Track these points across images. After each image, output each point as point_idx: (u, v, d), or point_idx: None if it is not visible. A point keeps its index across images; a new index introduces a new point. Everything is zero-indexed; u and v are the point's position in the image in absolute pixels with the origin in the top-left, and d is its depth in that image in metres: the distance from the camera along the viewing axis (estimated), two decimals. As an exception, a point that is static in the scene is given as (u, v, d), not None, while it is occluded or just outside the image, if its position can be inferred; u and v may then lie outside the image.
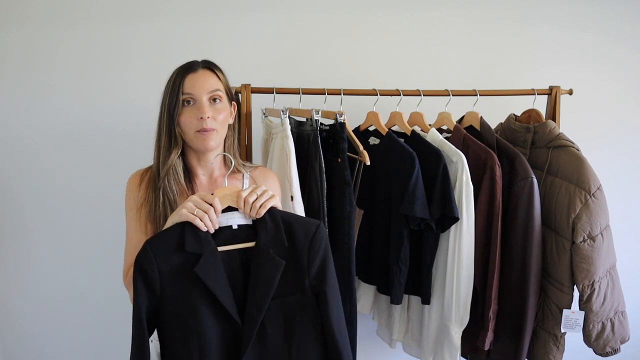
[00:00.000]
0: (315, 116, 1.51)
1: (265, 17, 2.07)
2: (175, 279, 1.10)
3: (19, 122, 2.05)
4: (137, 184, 1.31)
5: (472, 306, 1.62)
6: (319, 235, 1.17)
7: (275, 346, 1.13)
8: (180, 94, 1.24)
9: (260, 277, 1.12)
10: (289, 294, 1.14)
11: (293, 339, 1.14)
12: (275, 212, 1.17)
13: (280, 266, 1.12)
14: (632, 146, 2.25)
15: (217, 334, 1.11)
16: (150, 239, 1.12)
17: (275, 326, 1.13)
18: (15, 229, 2.12)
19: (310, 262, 1.15)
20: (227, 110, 1.30)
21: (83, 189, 2.09)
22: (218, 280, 1.10)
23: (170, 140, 1.26)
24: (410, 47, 2.13)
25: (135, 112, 2.04)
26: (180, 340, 1.10)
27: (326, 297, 1.16)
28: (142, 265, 1.10)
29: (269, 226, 1.15)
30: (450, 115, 1.77)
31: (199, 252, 1.10)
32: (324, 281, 1.16)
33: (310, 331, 1.16)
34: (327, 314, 1.16)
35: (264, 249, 1.13)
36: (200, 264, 1.09)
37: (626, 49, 2.18)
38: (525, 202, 1.57)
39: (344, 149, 1.50)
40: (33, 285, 2.16)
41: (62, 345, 2.21)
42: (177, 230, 1.12)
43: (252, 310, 1.10)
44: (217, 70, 1.31)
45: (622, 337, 1.62)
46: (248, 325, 1.10)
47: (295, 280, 1.15)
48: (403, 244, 1.60)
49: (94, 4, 2.01)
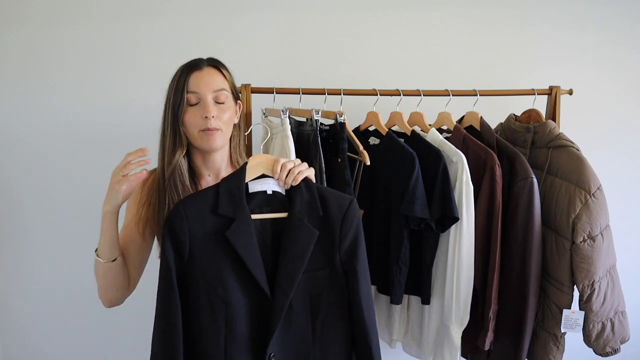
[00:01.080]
0: (315, 116, 1.51)
1: (265, 17, 2.07)
2: (205, 243, 1.06)
3: (19, 121, 2.05)
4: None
5: (472, 306, 1.62)
6: (352, 210, 1.13)
7: (299, 322, 1.10)
8: (184, 93, 1.22)
9: (293, 247, 1.08)
10: (318, 269, 1.11)
11: (318, 316, 1.11)
12: (310, 182, 1.14)
13: (314, 236, 1.08)
14: (632, 146, 2.25)
15: (245, 304, 1.08)
16: (183, 200, 1.09)
17: (300, 301, 1.10)
18: (16, 229, 2.12)
19: (342, 237, 1.11)
20: (232, 110, 1.28)
21: (83, 189, 2.09)
22: (249, 248, 1.06)
23: (175, 139, 1.24)
24: (410, 47, 2.13)
25: (135, 112, 2.04)
26: (207, 309, 1.06)
27: (356, 273, 1.12)
28: (173, 225, 1.06)
29: (304, 195, 1.12)
30: (450, 115, 1.77)
31: (231, 216, 1.06)
32: (355, 257, 1.12)
33: (336, 309, 1.12)
34: (356, 291, 1.12)
35: (298, 217, 1.09)
36: (232, 229, 1.05)
37: (626, 49, 2.18)
38: (525, 202, 1.57)
39: (344, 149, 1.50)
40: (33, 284, 2.16)
41: (61, 345, 2.21)
42: (211, 192, 1.09)
43: (283, 282, 1.06)
44: (222, 69, 1.28)
45: (622, 337, 1.62)
46: (279, 298, 1.06)
47: (326, 254, 1.11)
48: (403, 244, 1.60)
49: (94, 4, 2.01)
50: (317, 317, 1.11)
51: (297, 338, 1.11)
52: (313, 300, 1.11)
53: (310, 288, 1.10)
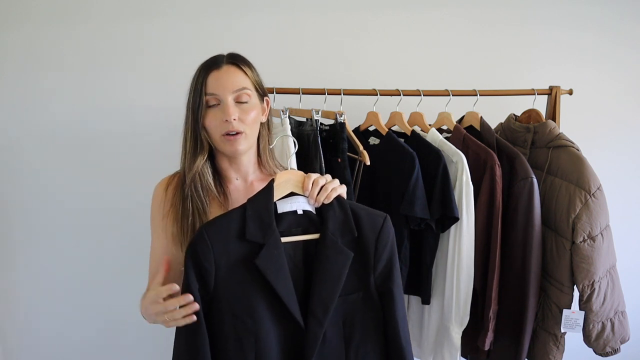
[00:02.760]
0: (315, 116, 1.51)
1: (265, 17, 2.07)
2: (232, 272, 0.99)
3: (19, 121, 2.04)
4: (163, 190, 1.21)
5: (472, 306, 1.62)
6: (386, 228, 1.06)
7: (333, 349, 1.03)
8: (203, 95, 1.13)
9: (328, 272, 1.00)
10: (351, 292, 1.03)
11: (352, 342, 1.04)
12: (342, 200, 1.07)
13: (349, 258, 1.01)
14: (632, 146, 2.25)
15: (276, 336, 1.00)
16: (207, 224, 1.01)
17: (333, 327, 1.03)
18: (16, 229, 2.12)
19: (377, 258, 1.04)
20: (257, 109, 1.18)
21: (83, 188, 2.09)
22: (281, 275, 0.98)
23: (196, 144, 1.16)
24: (410, 47, 2.13)
25: (136, 112, 2.04)
26: (234, 342, 0.99)
27: (393, 296, 1.05)
28: (197, 254, 0.98)
29: (337, 213, 1.04)
30: (450, 115, 1.77)
31: (260, 241, 0.99)
32: (390, 278, 1.06)
33: (371, 334, 1.05)
34: (393, 315, 1.05)
35: (331, 239, 1.01)
36: (262, 256, 0.98)
37: (626, 49, 2.18)
38: (525, 202, 1.57)
39: (344, 149, 1.50)
40: (34, 283, 2.16)
41: (63, 343, 2.21)
42: (237, 215, 1.01)
43: (317, 310, 0.99)
44: (244, 65, 1.18)
45: (622, 337, 1.62)
46: (313, 327, 0.99)
47: (360, 276, 1.04)
48: (403, 244, 1.60)
49: (94, 4, 2.01)
50: (351, 343, 1.04)
51: None
52: (346, 325, 1.04)
53: (343, 313, 1.04)
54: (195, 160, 1.16)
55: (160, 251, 1.20)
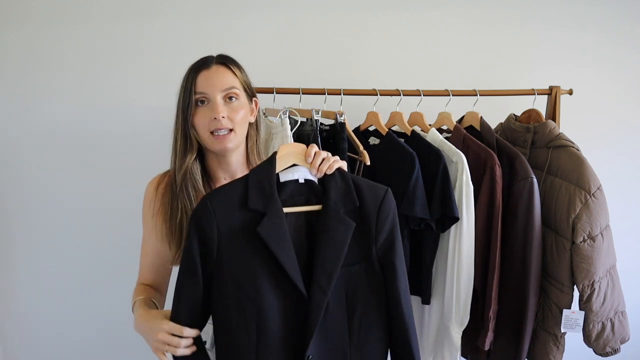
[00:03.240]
0: (315, 116, 1.51)
1: (265, 17, 2.07)
2: (234, 240, 1.00)
3: (19, 121, 2.05)
4: (154, 189, 1.24)
5: (472, 306, 1.62)
6: (388, 200, 1.07)
7: (335, 320, 1.03)
8: (192, 94, 1.16)
9: (330, 241, 1.00)
10: (353, 263, 1.04)
11: (354, 316, 1.05)
12: (344, 171, 1.08)
13: (351, 228, 1.02)
14: (632, 146, 2.25)
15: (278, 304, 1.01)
16: (209, 194, 1.03)
17: (336, 298, 1.03)
18: (16, 229, 2.12)
19: (378, 229, 1.05)
20: (245, 109, 1.21)
21: (84, 188, 2.09)
22: (283, 244, 0.99)
23: (186, 142, 1.19)
24: (410, 47, 2.13)
25: (136, 112, 2.04)
26: (236, 311, 1.00)
27: (395, 268, 1.06)
28: (200, 222, 0.99)
29: (339, 184, 1.05)
30: (450, 115, 1.77)
31: (262, 210, 1.00)
32: (392, 250, 1.06)
33: (373, 305, 1.06)
34: (395, 287, 1.06)
35: (333, 209, 1.02)
36: (264, 224, 0.98)
37: (626, 49, 2.18)
38: (525, 202, 1.57)
39: (344, 149, 1.50)
40: (34, 283, 2.16)
41: (63, 343, 2.21)
42: (240, 184, 1.03)
43: (321, 279, 0.99)
44: (232, 66, 1.22)
45: (622, 337, 1.62)
46: (317, 296, 0.99)
47: (362, 247, 1.05)
48: (403, 244, 1.60)
49: (94, 4, 2.01)
50: (354, 315, 1.05)
51: (334, 337, 1.05)
52: (349, 296, 1.05)
53: (345, 284, 1.04)
54: (185, 159, 1.19)
55: (150, 249, 1.24)
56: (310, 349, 1.00)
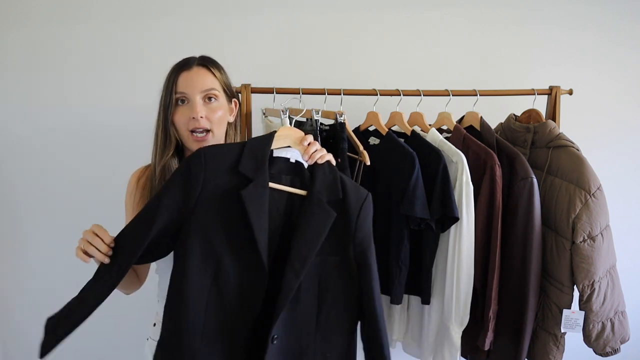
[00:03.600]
0: (315, 116, 1.51)
1: (265, 17, 2.07)
2: (216, 197, 1.03)
3: (20, 121, 2.05)
4: (135, 182, 1.31)
5: (472, 306, 1.62)
6: (368, 203, 1.11)
7: (305, 307, 1.05)
8: (173, 93, 1.23)
9: (310, 226, 1.03)
10: (330, 254, 1.07)
11: (324, 305, 1.07)
12: (332, 165, 1.13)
13: (332, 218, 1.05)
14: (632, 146, 2.25)
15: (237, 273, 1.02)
16: (205, 148, 1.06)
17: (308, 286, 1.05)
18: (17, 228, 2.12)
19: (358, 227, 1.08)
20: (223, 109, 1.27)
21: (84, 188, 2.09)
22: (260, 211, 1.02)
23: (165, 139, 1.25)
24: (410, 47, 2.13)
25: (136, 112, 2.04)
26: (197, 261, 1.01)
27: (370, 266, 1.09)
28: (189, 169, 1.03)
29: (327, 174, 1.10)
30: (450, 115, 1.77)
31: (250, 176, 1.03)
32: (369, 250, 1.10)
33: (344, 298, 1.08)
34: (370, 284, 1.09)
35: (317, 196, 1.06)
36: (248, 189, 1.02)
37: (626, 49, 2.18)
38: (525, 202, 1.57)
39: (344, 149, 1.50)
40: (32, 283, 2.16)
41: (61, 345, 2.20)
42: (236, 148, 1.07)
43: (295, 262, 1.02)
44: (213, 68, 1.27)
45: (622, 337, 1.62)
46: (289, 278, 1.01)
47: (339, 241, 1.07)
48: (403, 244, 1.60)
49: (94, 4, 2.01)
50: (324, 304, 1.07)
51: (301, 323, 1.06)
52: (321, 286, 1.07)
53: (320, 273, 1.06)
54: (164, 154, 1.24)
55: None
56: (276, 329, 1.02)
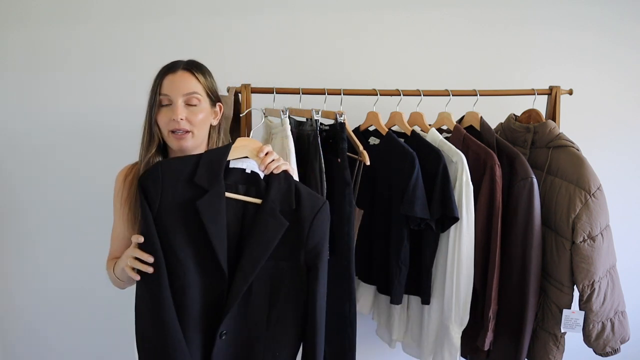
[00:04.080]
0: (315, 116, 1.51)
1: (265, 17, 2.07)
2: (173, 208, 1.08)
3: (20, 121, 2.05)
4: (123, 179, 1.35)
5: (472, 306, 1.62)
6: (324, 211, 1.15)
7: (256, 307, 1.12)
8: (158, 95, 1.28)
9: (262, 233, 1.09)
10: (282, 259, 1.13)
11: (275, 306, 1.13)
12: (289, 175, 1.17)
13: (284, 227, 1.10)
14: (632, 146, 2.25)
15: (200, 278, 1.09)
16: (163, 161, 1.13)
17: (260, 288, 1.11)
18: (18, 228, 2.12)
19: (310, 235, 1.13)
20: (205, 112, 1.30)
21: (84, 187, 2.09)
22: (217, 221, 1.07)
23: (150, 138, 1.30)
24: (410, 47, 2.13)
25: (136, 112, 2.02)
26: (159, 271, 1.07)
27: (318, 272, 1.14)
28: (147, 182, 1.08)
29: (282, 184, 1.14)
30: (450, 115, 1.77)
31: (206, 187, 1.08)
32: (319, 256, 1.15)
33: (293, 302, 1.14)
34: (314, 290, 1.14)
35: (271, 206, 1.11)
36: (204, 199, 1.07)
37: (626, 49, 2.18)
38: (525, 202, 1.57)
39: (344, 149, 1.49)
40: (36, 281, 2.16)
41: (65, 341, 2.21)
42: (192, 160, 1.11)
43: (246, 265, 1.08)
44: (197, 72, 1.30)
45: (622, 337, 1.62)
46: (239, 281, 1.08)
47: (291, 248, 1.13)
48: (403, 244, 1.60)
49: (94, 4, 2.01)
50: (275, 305, 1.13)
51: (251, 322, 1.12)
52: (274, 289, 1.13)
53: (271, 277, 1.13)
54: (148, 152, 1.29)
55: (119, 234, 1.35)
56: (225, 326, 1.09)
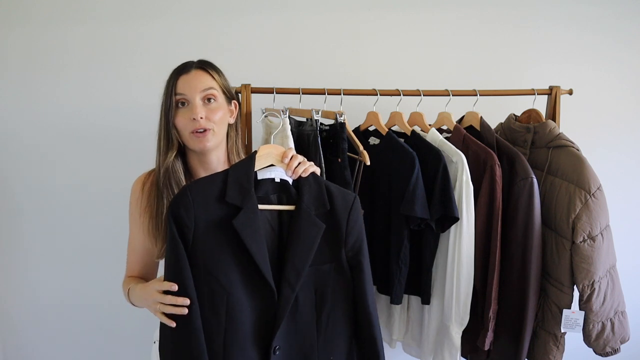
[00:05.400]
0: (315, 116, 1.51)
1: (265, 17, 2.07)
2: (209, 231, 1.05)
3: (19, 121, 2.05)
4: (140, 187, 1.31)
5: (472, 306, 1.62)
6: (356, 206, 1.14)
7: (305, 315, 1.10)
8: (173, 96, 1.25)
9: (301, 240, 1.07)
10: (323, 262, 1.11)
11: (323, 310, 1.11)
12: (317, 176, 1.15)
13: (321, 230, 1.08)
14: (632, 146, 2.25)
15: (247, 294, 1.06)
16: (190, 185, 1.08)
17: (306, 294, 1.09)
18: (15, 230, 2.12)
19: (348, 232, 1.12)
20: (223, 110, 1.29)
21: (83, 191, 2.09)
22: (256, 237, 1.05)
23: (168, 142, 1.27)
24: (410, 47, 2.13)
25: (136, 112, 2.04)
26: (209, 300, 1.05)
27: (363, 268, 1.13)
28: (179, 210, 1.04)
29: (313, 187, 1.12)
30: (450, 115, 1.77)
31: (239, 204, 1.05)
32: (361, 252, 1.13)
33: (341, 303, 1.13)
34: (362, 286, 1.12)
35: (305, 210, 1.09)
36: (239, 218, 1.04)
37: (626, 49, 2.18)
38: (525, 202, 1.57)
39: (344, 149, 1.50)
40: (32, 288, 2.16)
41: (60, 350, 2.20)
42: (219, 178, 1.08)
43: (290, 276, 1.06)
44: (211, 70, 1.29)
45: (622, 337, 1.62)
46: (286, 291, 1.06)
47: (331, 248, 1.11)
48: (403, 244, 1.60)
49: (94, 4, 2.01)
50: (323, 310, 1.11)
51: (302, 331, 1.10)
52: (318, 294, 1.11)
53: (315, 282, 1.10)
54: (167, 156, 1.26)
55: (138, 245, 1.31)
56: (277, 341, 1.07)
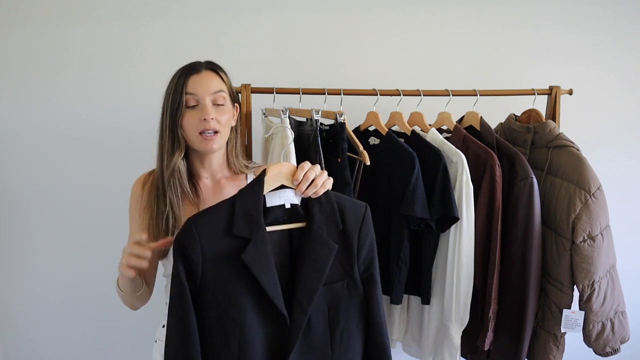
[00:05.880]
0: (315, 116, 1.51)
1: (265, 17, 2.07)
2: (218, 265, 1.02)
3: (19, 121, 2.05)
4: (140, 188, 1.30)
5: (472, 306, 1.62)
6: (367, 218, 1.12)
7: (318, 334, 1.07)
8: (183, 96, 1.22)
9: (312, 262, 1.04)
10: (335, 281, 1.08)
11: (337, 327, 1.09)
12: (329, 193, 1.10)
13: (334, 251, 1.05)
14: (632, 146, 2.25)
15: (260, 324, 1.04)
16: (194, 217, 1.03)
17: (319, 313, 1.07)
18: (16, 230, 2.12)
19: (360, 246, 1.10)
20: (230, 112, 1.28)
21: (84, 190, 2.09)
22: (266, 269, 1.01)
23: (174, 142, 1.24)
24: (410, 47, 2.13)
25: (136, 112, 2.04)
26: (220, 333, 1.03)
27: (374, 279, 1.11)
28: (185, 246, 1.01)
29: (324, 206, 1.08)
30: (450, 115, 1.77)
31: (247, 236, 1.01)
32: (372, 264, 1.12)
33: (354, 317, 1.11)
34: (374, 297, 1.11)
35: (317, 232, 1.05)
36: (248, 251, 1.00)
37: (626, 49, 2.18)
38: (525, 202, 1.57)
39: (344, 149, 1.50)
40: (33, 287, 2.15)
41: (61, 348, 2.20)
42: (225, 209, 1.03)
43: (301, 298, 1.03)
44: (220, 72, 1.29)
45: (622, 337, 1.62)
46: (297, 316, 1.03)
47: (344, 266, 1.09)
48: (403, 244, 1.60)
49: (94, 5, 2.01)
50: (336, 328, 1.09)
51: (316, 350, 1.08)
52: (331, 312, 1.09)
53: (328, 300, 1.08)
54: (173, 157, 1.24)
55: None
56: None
